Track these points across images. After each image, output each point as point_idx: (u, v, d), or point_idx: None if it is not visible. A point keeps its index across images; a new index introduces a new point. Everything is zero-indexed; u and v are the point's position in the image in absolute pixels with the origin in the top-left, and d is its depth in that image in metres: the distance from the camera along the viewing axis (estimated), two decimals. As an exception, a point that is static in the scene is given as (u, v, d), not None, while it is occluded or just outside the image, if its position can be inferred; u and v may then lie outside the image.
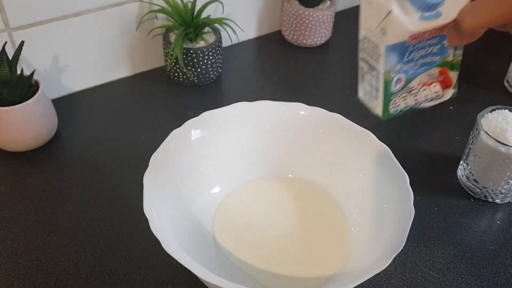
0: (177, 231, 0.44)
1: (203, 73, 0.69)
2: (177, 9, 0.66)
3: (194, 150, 0.49)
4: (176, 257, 0.37)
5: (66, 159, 0.59)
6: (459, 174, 0.58)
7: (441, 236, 0.52)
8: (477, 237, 0.52)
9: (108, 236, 0.51)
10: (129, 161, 0.59)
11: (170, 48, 0.65)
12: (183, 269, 0.38)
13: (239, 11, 0.76)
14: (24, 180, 0.56)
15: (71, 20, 0.62)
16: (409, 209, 0.42)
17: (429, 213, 0.54)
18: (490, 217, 0.55)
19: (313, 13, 0.75)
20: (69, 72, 0.67)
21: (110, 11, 0.64)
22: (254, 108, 0.51)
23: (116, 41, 0.68)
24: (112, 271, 0.47)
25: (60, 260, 0.48)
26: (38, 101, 0.56)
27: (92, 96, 0.68)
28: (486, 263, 0.50)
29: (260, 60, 0.79)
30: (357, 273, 0.40)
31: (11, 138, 0.57)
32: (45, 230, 0.51)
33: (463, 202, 0.56)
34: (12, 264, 0.48)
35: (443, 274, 0.49)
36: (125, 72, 0.72)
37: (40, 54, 0.63)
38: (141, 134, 0.63)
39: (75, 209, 0.53)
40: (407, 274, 0.48)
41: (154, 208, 0.41)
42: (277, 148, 0.53)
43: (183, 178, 0.48)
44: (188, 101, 0.68)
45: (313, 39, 0.78)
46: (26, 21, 0.60)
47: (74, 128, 0.63)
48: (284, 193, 0.53)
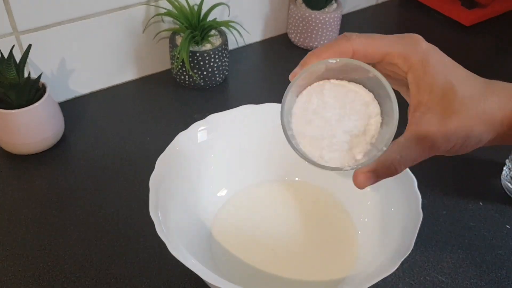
0: (183, 233, 0.44)
1: (209, 76, 0.69)
2: (183, 12, 0.66)
3: (200, 152, 0.49)
4: (182, 260, 0.37)
5: (73, 162, 0.59)
6: (503, 175, 0.57)
7: (449, 240, 0.52)
8: (486, 241, 0.52)
9: (114, 239, 0.50)
10: (135, 163, 0.59)
11: (176, 51, 0.66)
12: (189, 272, 0.38)
13: (245, 13, 0.76)
14: (30, 183, 0.56)
15: (77, 24, 0.63)
16: (417, 213, 0.42)
17: (437, 216, 0.54)
18: (500, 221, 0.54)
19: (319, 15, 0.75)
20: (75, 75, 0.67)
21: (116, 15, 0.65)
22: (260, 110, 0.51)
23: (123, 44, 0.68)
24: (118, 274, 0.47)
25: (67, 263, 0.48)
26: (45, 104, 0.57)
27: (99, 99, 0.69)
28: (496, 267, 0.49)
29: (267, 62, 0.78)
30: (364, 277, 0.40)
31: (18, 141, 0.57)
32: (51, 233, 0.51)
33: (472, 205, 0.55)
34: (19, 267, 0.48)
35: (452, 279, 0.48)
36: (131, 75, 0.72)
37: (47, 58, 0.63)
38: (147, 136, 0.63)
39: (81, 212, 0.53)
40: (415, 278, 0.48)
41: (160, 211, 0.41)
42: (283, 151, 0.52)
43: (189, 180, 0.48)
44: (194, 104, 0.68)
45: (319, 42, 0.78)
46: (33, 24, 0.60)
47: (81, 131, 0.63)
48: (290, 196, 0.53)
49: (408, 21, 0.89)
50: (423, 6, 0.90)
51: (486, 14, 0.86)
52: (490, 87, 0.33)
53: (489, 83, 0.33)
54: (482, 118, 0.32)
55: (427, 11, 0.89)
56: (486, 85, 0.33)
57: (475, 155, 0.61)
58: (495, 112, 0.32)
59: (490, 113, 0.32)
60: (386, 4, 0.92)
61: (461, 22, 0.85)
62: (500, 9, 0.88)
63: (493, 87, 0.33)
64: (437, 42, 0.34)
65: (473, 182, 0.58)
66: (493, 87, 0.33)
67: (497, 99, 0.32)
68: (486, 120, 0.32)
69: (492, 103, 0.32)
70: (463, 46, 0.82)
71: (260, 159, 0.53)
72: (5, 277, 0.47)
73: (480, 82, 0.33)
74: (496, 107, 0.32)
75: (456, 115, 0.31)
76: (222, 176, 0.52)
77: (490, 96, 0.32)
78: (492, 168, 0.60)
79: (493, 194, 0.57)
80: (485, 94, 0.32)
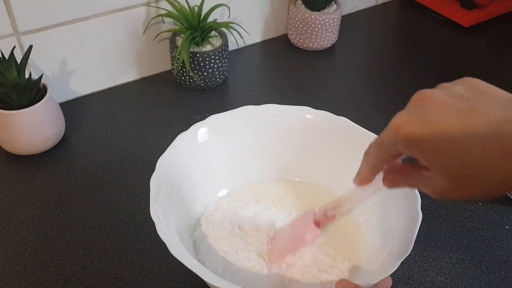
0: (184, 234, 0.44)
1: (210, 76, 0.69)
2: (183, 13, 0.66)
3: (200, 153, 0.49)
4: (182, 260, 0.37)
5: (74, 162, 0.59)
6: None
7: (448, 240, 0.52)
8: (485, 241, 0.52)
9: (115, 239, 0.51)
10: (136, 164, 0.59)
11: (177, 52, 0.66)
12: (189, 273, 0.38)
13: (245, 15, 0.76)
14: (31, 183, 0.57)
15: (78, 25, 0.63)
16: (417, 213, 0.42)
17: (436, 217, 0.54)
18: (499, 221, 0.54)
19: (319, 16, 0.75)
20: (76, 76, 0.67)
21: (117, 16, 0.65)
22: (260, 111, 0.51)
23: (123, 45, 0.68)
24: (118, 274, 0.48)
25: (67, 263, 0.48)
26: (46, 105, 0.57)
27: (100, 99, 0.69)
28: (495, 268, 0.49)
29: (266, 63, 0.79)
30: (364, 277, 0.40)
31: (19, 142, 0.57)
32: (52, 233, 0.51)
33: (471, 206, 0.56)
34: (20, 267, 0.48)
35: (451, 279, 0.48)
36: (132, 76, 0.72)
37: (48, 58, 0.64)
38: (148, 137, 0.63)
39: (82, 212, 0.53)
40: (414, 278, 0.48)
41: (161, 212, 0.41)
42: (283, 151, 0.53)
43: (189, 181, 0.49)
44: (195, 105, 0.68)
45: (319, 43, 0.78)
46: (34, 25, 0.60)
47: (82, 132, 0.63)
48: (290, 196, 0.53)
49: (407, 22, 0.90)
50: (422, 7, 0.90)
51: (485, 15, 0.87)
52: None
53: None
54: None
55: (426, 12, 0.89)
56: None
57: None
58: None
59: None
60: (385, 5, 0.92)
61: (460, 23, 0.85)
62: (499, 10, 0.88)
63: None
64: (437, 43, 0.35)
65: (472, 182, 0.58)
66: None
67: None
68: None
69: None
70: (463, 47, 0.82)
71: (260, 159, 0.53)
72: (5, 277, 0.47)
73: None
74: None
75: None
76: (223, 176, 0.52)
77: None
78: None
79: (492, 195, 0.57)
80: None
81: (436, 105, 0.29)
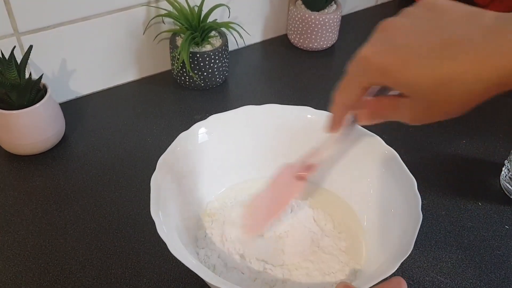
0: (184, 234, 0.44)
1: (210, 76, 0.69)
2: (183, 13, 0.66)
3: (201, 153, 0.49)
4: (182, 260, 0.37)
5: (74, 162, 0.59)
6: (501, 176, 0.57)
7: (448, 240, 0.52)
8: (485, 241, 0.52)
9: (115, 239, 0.51)
10: (136, 164, 0.59)
11: (177, 52, 0.66)
12: (189, 272, 0.38)
13: (245, 15, 0.76)
14: (31, 183, 0.57)
15: (78, 25, 0.63)
16: (417, 214, 0.42)
17: (437, 217, 0.54)
18: (499, 221, 0.54)
19: (319, 16, 0.75)
20: (76, 76, 0.67)
21: (117, 16, 0.65)
22: (261, 111, 0.51)
23: (123, 45, 0.68)
24: (118, 274, 0.48)
25: (67, 263, 0.48)
26: (46, 105, 0.57)
27: (100, 99, 0.69)
28: (495, 268, 0.49)
29: (267, 63, 0.79)
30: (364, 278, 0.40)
31: (19, 142, 0.57)
32: (52, 233, 0.51)
33: (471, 206, 0.56)
34: (20, 267, 0.48)
35: (451, 279, 0.48)
36: (132, 76, 0.72)
37: (48, 58, 0.64)
38: (148, 137, 0.63)
39: (82, 212, 0.53)
40: (414, 278, 0.48)
41: (161, 211, 0.41)
42: (284, 151, 0.53)
43: (190, 181, 0.49)
44: (195, 105, 0.68)
45: (319, 43, 0.78)
46: (34, 25, 0.60)
47: (82, 132, 0.63)
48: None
49: (407, 22, 0.90)
50: (422, 8, 0.90)
51: (485, 15, 0.87)
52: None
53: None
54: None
55: (426, 12, 0.89)
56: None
57: (474, 156, 0.62)
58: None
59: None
60: (385, 5, 0.92)
61: (461, 24, 0.85)
62: (499, 10, 0.89)
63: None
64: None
65: (472, 183, 0.58)
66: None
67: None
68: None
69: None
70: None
71: (261, 159, 0.53)
72: (5, 277, 0.47)
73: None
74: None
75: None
76: (223, 176, 0.52)
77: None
78: (491, 169, 0.60)
79: (492, 195, 0.57)
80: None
81: (400, 30, 0.31)
